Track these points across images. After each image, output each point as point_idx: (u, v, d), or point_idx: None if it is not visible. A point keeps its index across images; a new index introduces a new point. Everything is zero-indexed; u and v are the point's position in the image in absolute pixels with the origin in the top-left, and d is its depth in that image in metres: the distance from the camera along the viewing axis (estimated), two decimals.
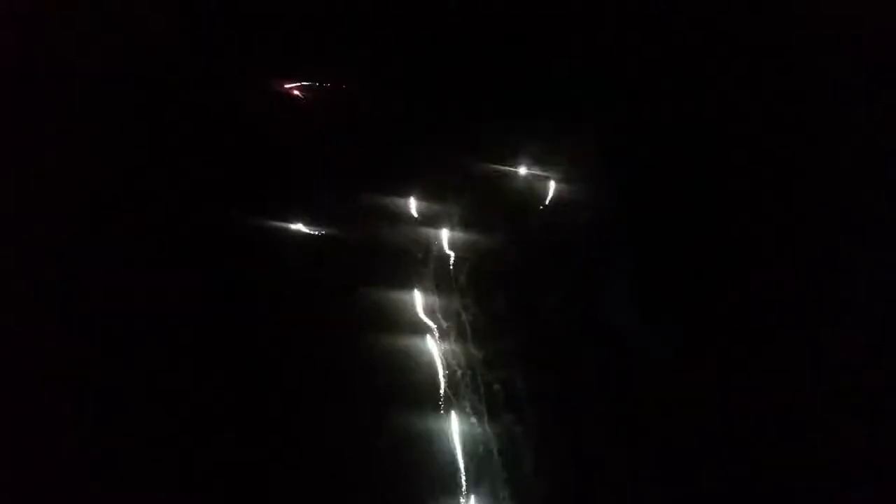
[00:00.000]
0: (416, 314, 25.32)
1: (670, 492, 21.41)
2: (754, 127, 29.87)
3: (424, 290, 25.94)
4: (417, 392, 23.24)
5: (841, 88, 29.92)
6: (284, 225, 27.35)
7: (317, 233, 27.41)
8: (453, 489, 21.35)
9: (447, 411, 22.92)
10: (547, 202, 28.83)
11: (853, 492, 20.97)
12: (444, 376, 23.74)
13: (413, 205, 28.51)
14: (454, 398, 23.20)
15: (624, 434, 22.52)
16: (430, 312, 25.39)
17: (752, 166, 28.62)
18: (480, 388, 23.43)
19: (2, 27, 31.08)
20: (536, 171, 29.46)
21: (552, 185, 29.12)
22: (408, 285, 26.03)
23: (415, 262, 26.86)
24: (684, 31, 31.99)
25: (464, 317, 25.25)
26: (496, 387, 23.45)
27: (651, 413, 22.84)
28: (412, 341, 24.43)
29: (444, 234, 27.74)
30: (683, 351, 24.12)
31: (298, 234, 27.29)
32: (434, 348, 24.36)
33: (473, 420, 22.75)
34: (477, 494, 21.35)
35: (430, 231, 27.83)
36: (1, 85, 29.38)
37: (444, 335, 24.73)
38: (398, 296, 25.67)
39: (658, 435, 22.47)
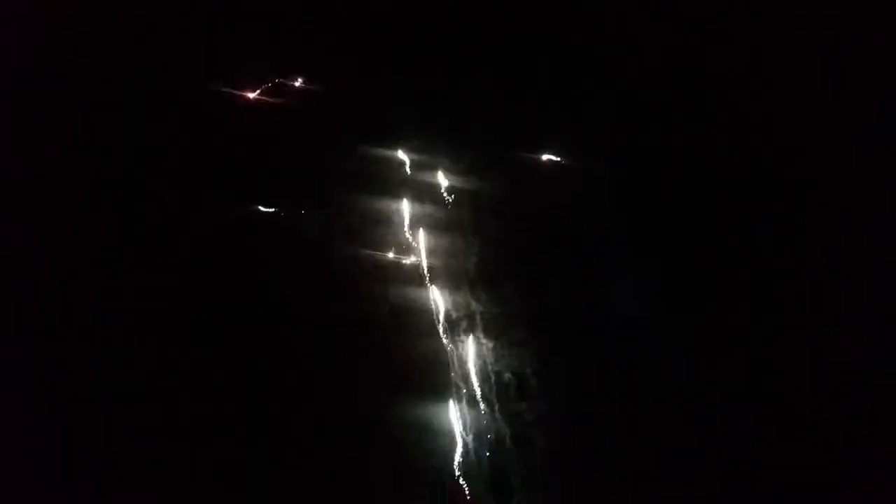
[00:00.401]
0: (421, 312, 25.34)
1: (670, 492, 21.40)
2: (754, 127, 29.88)
3: (428, 285, 25.97)
4: (424, 389, 23.28)
5: (841, 88, 29.94)
6: (284, 225, 27.33)
7: (317, 233, 27.38)
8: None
9: (458, 400, 22.97)
10: (547, 201, 28.82)
11: (853, 492, 20.96)
12: (453, 369, 23.78)
13: (414, 204, 28.52)
14: (464, 388, 23.23)
15: (625, 433, 22.51)
16: (434, 309, 25.41)
17: (752, 166, 28.62)
18: (491, 378, 23.47)
19: (2, 27, 31.11)
20: (536, 170, 29.48)
21: (552, 185, 29.11)
22: (410, 283, 26.04)
23: (416, 260, 26.86)
24: (684, 31, 32.02)
25: (474, 306, 25.28)
26: (507, 376, 23.52)
27: (652, 412, 22.83)
28: (417, 340, 24.43)
29: (446, 233, 27.73)
30: (683, 351, 24.11)
31: (298, 233, 27.25)
32: (443, 343, 24.39)
33: (483, 408, 22.79)
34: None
35: (432, 229, 27.83)
36: (1, 85, 29.40)
37: (453, 327, 24.73)
38: (401, 294, 25.67)
39: (659, 434, 22.45)
